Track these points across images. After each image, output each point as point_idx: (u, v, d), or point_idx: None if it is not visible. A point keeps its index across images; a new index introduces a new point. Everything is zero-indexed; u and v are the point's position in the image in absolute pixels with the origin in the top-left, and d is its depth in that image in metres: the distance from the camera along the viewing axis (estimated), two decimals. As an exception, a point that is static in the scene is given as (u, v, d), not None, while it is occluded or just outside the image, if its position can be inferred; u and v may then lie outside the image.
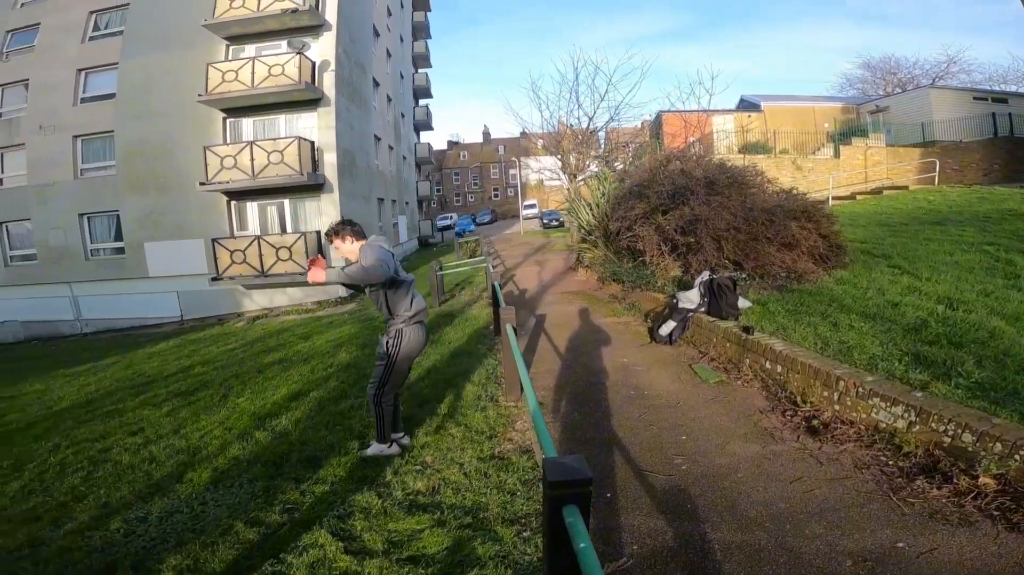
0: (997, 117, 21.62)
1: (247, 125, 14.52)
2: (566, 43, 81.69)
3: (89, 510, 3.18)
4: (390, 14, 22.67)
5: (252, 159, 13.03)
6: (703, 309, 5.30)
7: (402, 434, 3.60)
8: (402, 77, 25.65)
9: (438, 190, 55.65)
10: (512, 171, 53.72)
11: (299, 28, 14.31)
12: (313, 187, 13.79)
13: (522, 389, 4.21)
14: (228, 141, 14.13)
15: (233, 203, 14.26)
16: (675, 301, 5.56)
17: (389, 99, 21.90)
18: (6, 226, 15.62)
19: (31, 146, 15.04)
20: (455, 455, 3.39)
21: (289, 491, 3.12)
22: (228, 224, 14.24)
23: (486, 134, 61.93)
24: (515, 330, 3.86)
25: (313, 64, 13.90)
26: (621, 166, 15.45)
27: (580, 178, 16.41)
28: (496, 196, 60.15)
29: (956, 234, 8.39)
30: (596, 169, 15.84)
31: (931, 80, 34.17)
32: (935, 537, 2.21)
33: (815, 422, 3.36)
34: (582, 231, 10.91)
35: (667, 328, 5.42)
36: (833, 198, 15.94)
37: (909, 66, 37.89)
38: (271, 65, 13.28)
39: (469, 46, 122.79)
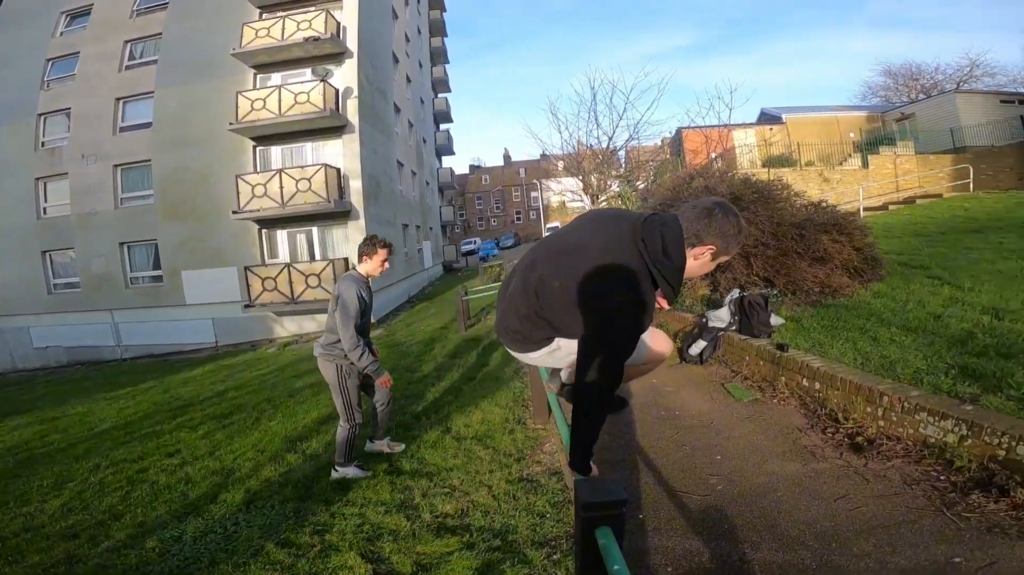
0: (1026, 120, 20.81)
1: (276, 153, 15.00)
2: (584, 64, 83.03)
3: (126, 529, 3.24)
4: (408, 40, 23.25)
5: (281, 187, 13.47)
6: (734, 327, 5.18)
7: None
8: (422, 103, 26.22)
9: (461, 215, 56.36)
10: (534, 194, 54.12)
11: (322, 56, 14.82)
12: (340, 214, 14.15)
13: (550, 411, 4.15)
14: (258, 169, 14.63)
15: (264, 231, 14.71)
16: (704, 320, 5.45)
17: (410, 125, 22.41)
18: (50, 255, 16.24)
19: (74, 175, 15.66)
20: (483, 478, 3.37)
21: (320, 513, 3.15)
22: (259, 252, 14.67)
23: (507, 157, 62.74)
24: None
25: (337, 91, 14.33)
26: (643, 185, 15.41)
27: (601, 199, 16.40)
28: (519, 219, 60.58)
29: (996, 242, 8.08)
30: (618, 189, 15.82)
31: (955, 85, 33.21)
32: (994, 551, 2.10)
33: (859, 439, 3.23)
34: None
35: (697, 348, 5.30)
36: (864, 209, 15.58)
37: (931, 71, 37.15)
38: (297, 93, 13.76)
39: (487, 71, 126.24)
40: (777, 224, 6.10)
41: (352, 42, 14.94)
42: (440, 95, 32.58)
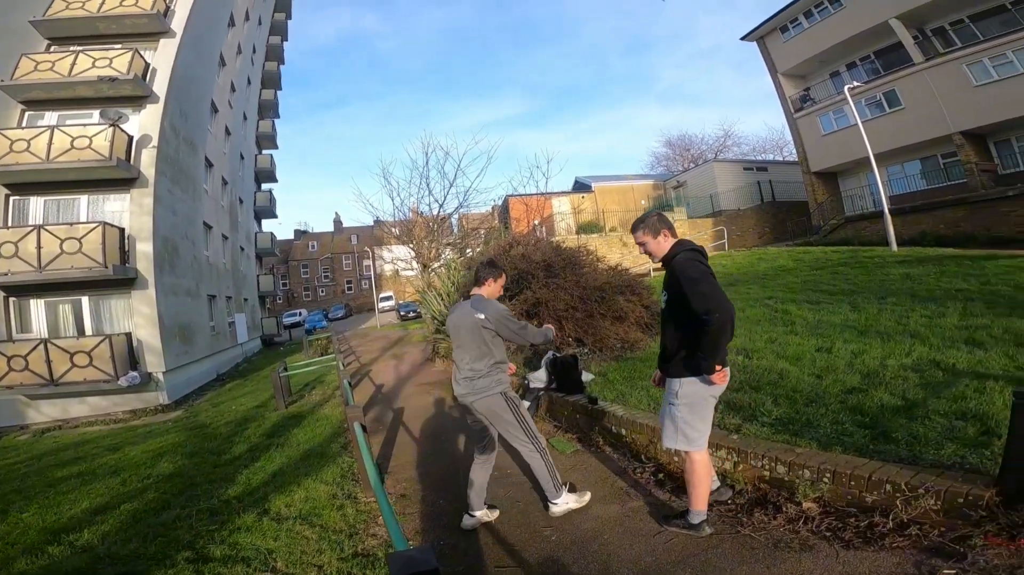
0: (761, 185, 25.84)
1: (36, 205, 12.31)
2: (421, 128, 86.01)
3: None
4: (234, 90, 21.44)
5: (39, 247, 10.94)
6: (553, 386, 5.55)
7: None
8: (242, 158, 23.77)
9: (284, 284, 52.22)
10: (366, 262, 52.52)
11: (118, 98, 12.94)
12: (122, 282, 11.90)
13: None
14: (9, 224, 11.83)
15: (12, 300, 11.69)
16: (526, 382, 5.77)
17: (225, 182, 20.14)
18: None
19: None
20: (312, 558, 3.08)
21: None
22: (4, 325, 11.56)
23: (338, 223, 60.37)
24: (364, 427, 3.72)
25: (130, 138, 12.48)
26: (470, 252, 16.02)
27: (432, 267, 16.55)
28: (350, 289, 57.94)
29: (744, 292, 10.19)
30: (449, 256, 16.17)
31: (715, 154, 40.56)
32: (785, 566, 2.37)
33: (661, 475, 3.64)
34: (435, 321, 10.88)
35: (522, 408, 5.56)
36: (653, 270, 18.14)
37: (699, 142, 44.79)
38: (75, 136, 11.64)
39: (322, 129, 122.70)
40: (583, 288, 6.86)
41: (160, 86, 13.32)
42: (265, 151, 29.66)
